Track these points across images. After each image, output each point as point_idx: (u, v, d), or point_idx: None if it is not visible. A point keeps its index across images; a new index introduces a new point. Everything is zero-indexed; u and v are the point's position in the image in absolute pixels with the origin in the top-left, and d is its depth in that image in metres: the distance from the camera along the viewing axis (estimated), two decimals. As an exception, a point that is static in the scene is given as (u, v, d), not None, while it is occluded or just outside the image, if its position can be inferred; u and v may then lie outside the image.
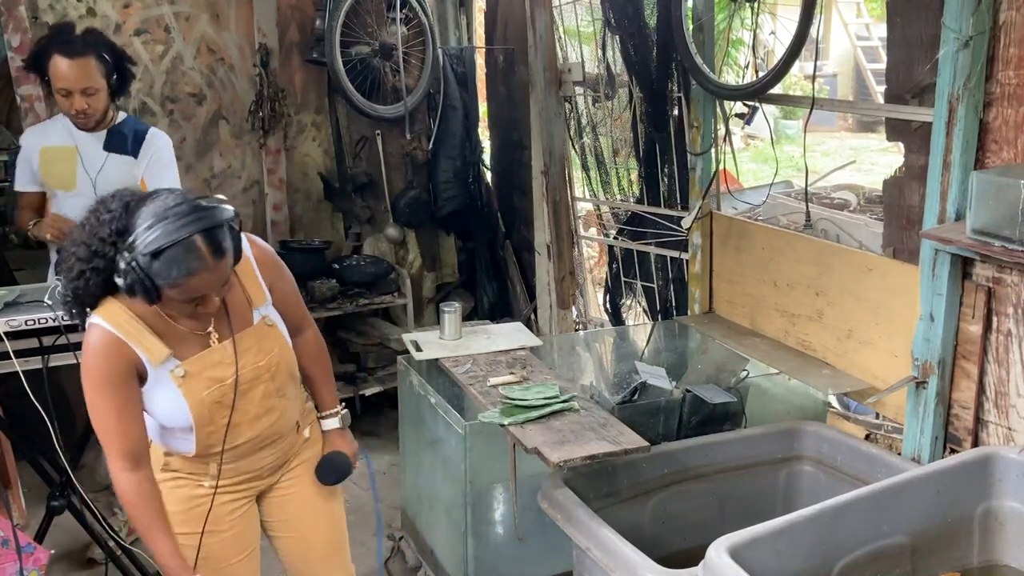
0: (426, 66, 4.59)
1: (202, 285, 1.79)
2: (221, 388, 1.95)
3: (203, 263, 1.75)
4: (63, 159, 3.15)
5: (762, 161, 9.47)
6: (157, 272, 1.73)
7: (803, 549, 1.91)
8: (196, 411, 1.93)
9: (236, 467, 2.08)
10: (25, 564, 2.42)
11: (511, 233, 5.00)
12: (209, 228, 1.75)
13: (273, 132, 4.39)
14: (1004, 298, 2.30)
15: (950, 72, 2.26)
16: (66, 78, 2.96)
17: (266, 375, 2.01)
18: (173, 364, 1.91)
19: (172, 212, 1.75)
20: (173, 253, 1.72)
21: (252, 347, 2.00)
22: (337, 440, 2.27)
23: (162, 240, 1.72)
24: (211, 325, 1.96)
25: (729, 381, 2.93)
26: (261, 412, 2.03)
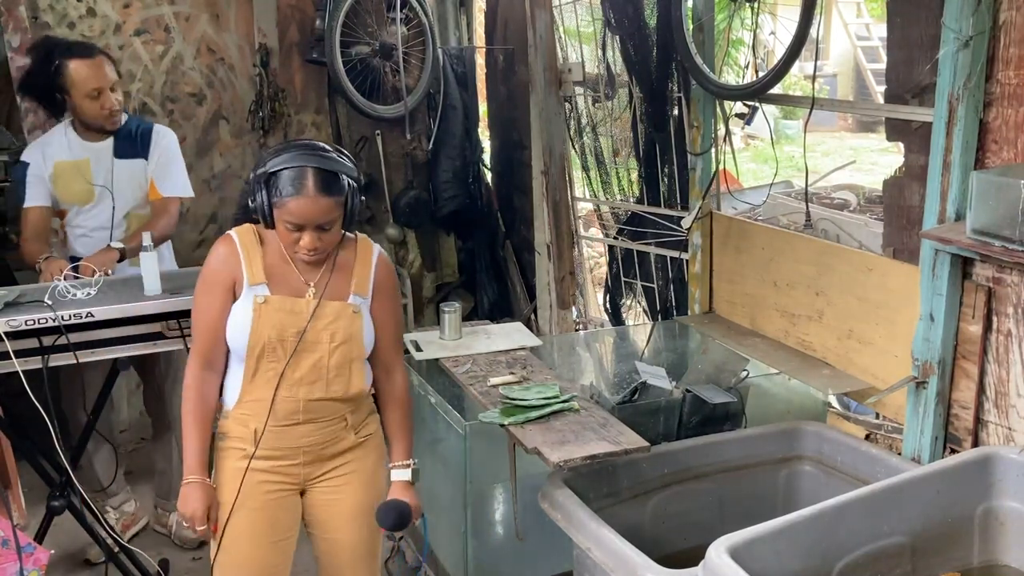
0: (426, 66, 4.59)
1: (301, 211, 2.01)
2: (282, 332, 2.10)
3: (305, 189, 2.00)
4: (77, 173, 3.13)
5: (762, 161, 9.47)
6: (272, 189, 2.02)
7: (803, 549, 1.91)
8: (253, 338, 2.10)
9: (275, 438, 2.16)
10: (25, 564, 2.42)
11: (511, 233, 5.00)
12: (321, 167, 2.02)
13: (273, 132, 4.39)
14: (1004, 298, 2.30)
15: (950, 72, 2.26)
16: (95, 78, 3.01)
17: (326, 345, 2.13)
18: (262, 290, 2.12)
19: (298, 146, 2.06)
20: (288, 174, 2.01)
21: (328, 316, 2.14)
22: (403, 492, 2.28)
23: (282, 163, 2.02)
24: (315, 280, 2.15)
25: (729, 381, 2.93)
26: (307, 379, 2.13)
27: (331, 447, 2.23)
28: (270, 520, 2.20)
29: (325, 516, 2.28)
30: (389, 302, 2.28)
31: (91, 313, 2.56)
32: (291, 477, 2.22)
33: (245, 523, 2.18)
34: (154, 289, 2.71)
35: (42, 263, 3.04)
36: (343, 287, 2.18)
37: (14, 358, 2.46)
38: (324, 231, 2.07)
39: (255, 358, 2.11)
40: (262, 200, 2.04)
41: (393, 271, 2.31)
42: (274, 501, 2.20)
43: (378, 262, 2.25)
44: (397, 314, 2.32)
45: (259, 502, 2.18)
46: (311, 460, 2.22)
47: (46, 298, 2.58)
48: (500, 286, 5.03)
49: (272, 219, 2.06)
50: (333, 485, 2.26)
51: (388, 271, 2.27)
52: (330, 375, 2.15)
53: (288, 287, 2.14)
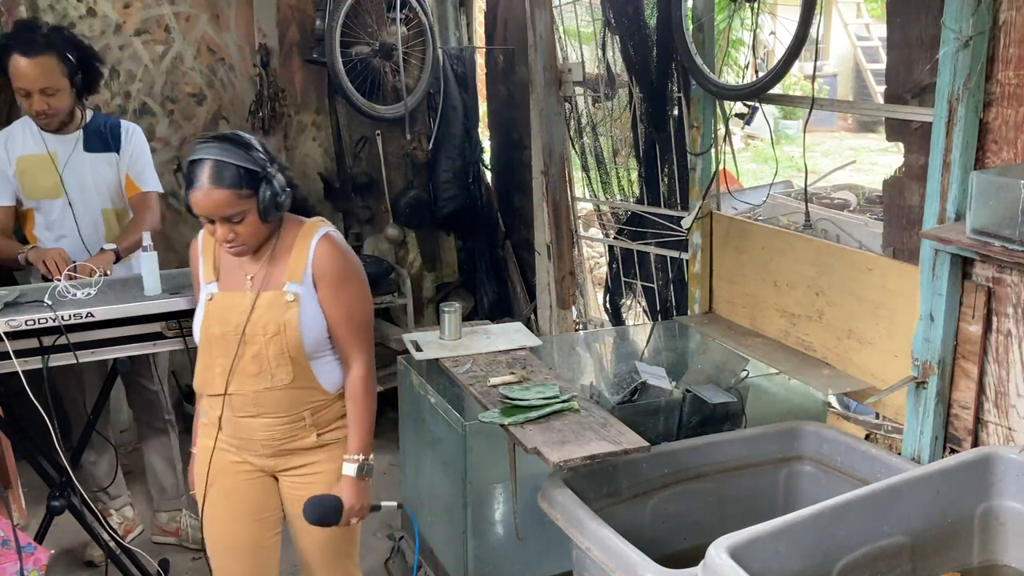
0: (426, 66, 4.59)
1: (197, 204, 2.04)
2: (224, 328, 2.15)
3: (199, 183, 2.02)
4: (41, 168, 3.04)
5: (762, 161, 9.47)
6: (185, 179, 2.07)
7: (803, 549, 1.91)
8: (203, 335, 2.18)
9: (233, 428, 2.22)
10: (25, 564, 2.42)
11: (511, 233, 5.00)
12: (217, 159, 2.02)
13: (273, 132, 4.39)
14: (1004, 298, 2.30)
15: (950, 72, 2.26)
16: (24, 77, 2.88)
17: (261, 337, 2.14)
18: (212, 288, 2.20)
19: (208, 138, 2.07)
20: (190, 167, 2.05)
21: (262, 307, 2.14)
22: (345, 487, 2.22)
23: (190, 156, 2.06)
24: (253, 274, 2.18)
25: (729, 381, 2.93)
26: (250, 371, 2.15)
27: (290, 443, 2.23)
28: (246, 499, 2.27)
29: (293, 510, 2.30)
30: (335, 289, 2.17)
31: (91, 313, 2.56)
32: (258, 464, 2.27)
33: (221, 501, 2.27)
34: (154, 289, 2.72)
35: (29, 254, 2.97)
36: (279, 276, 2.16)
37: (14, 358, 2.46)
38: (235, 223, 2.06)
39: (207, 353, 2.18)
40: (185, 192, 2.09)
41: (340, 255, 2.18)
42: (247, 482, 2.27)
43: (317, 246, 2.15)
44: (349, 302, 2.19)
45: (233, 482, 2.26)
46: (272, 454, 2.24)
47: (46, 298, 2.57)
48: (500, 286, 5.03)
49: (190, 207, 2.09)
50: (298, 481, 2.27)
51: (331, 255, 2.16)
52: (272, 366, 2.14)
53: (233, 282, 2.19)
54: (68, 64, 2.94)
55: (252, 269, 2.18)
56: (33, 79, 2.89)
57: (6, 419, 2.90)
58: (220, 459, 2.24)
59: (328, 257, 2.16)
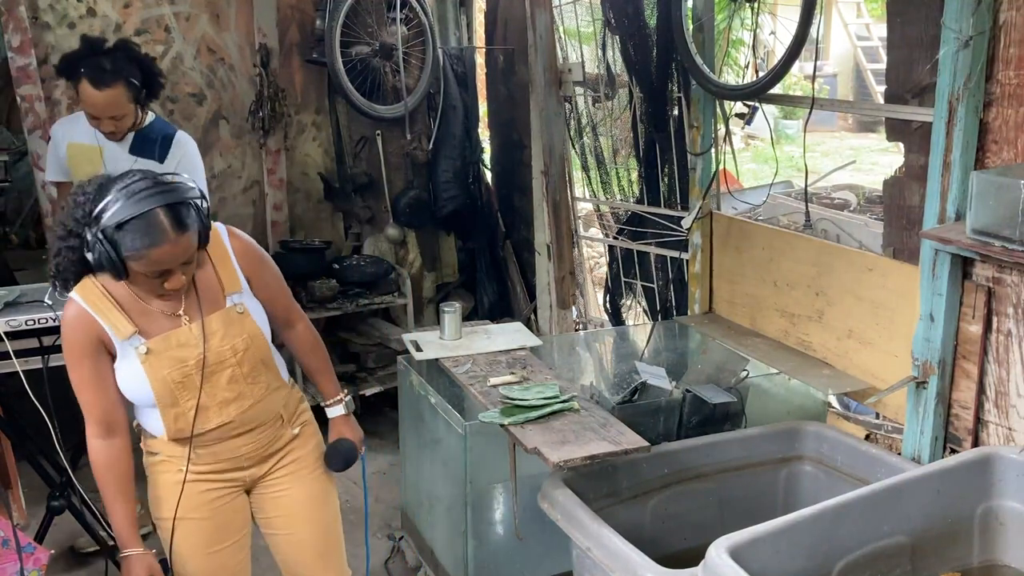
0: (426, 66, 4.59)
1: (164, 258, 1.84)
2: (184, 369, 1.98)
3: (164, 235, 1.82)
4: (88, 158, 3.14)
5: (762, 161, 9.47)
6: (122, 244, 1.80)
7: (803, 549, 1.91)
8: (158, 389, 1.98)
9: (213, 452, 2.09)
10: (25, 564, 2.42)
11: (511, 233, 5.00)
12: (171, 203, 1.83)
13: (273, 132, 4.39)
14: (1004, 298, 2.30)
15: (950, 72, 2.26)
16: (94, 106, 2.97)
17: (232, 359, 2.03)
18: (138, 341, 1.96)
19: (136, 187, 1.82)
20: (136, 224, 1.80)
21: (219, 331, 2.02)
22: (342, 427, 2.31)
23: (125, 213, 1.79)
24: (182, 307, 2.00)
25: (729, 381, 2.93)
26: (230, 397, 2.04)
27: (272, 445, 2.18)
28: (221, 525, 2.15)
29: (277, 513, 2.23)
30: (263, 272, 2.13)
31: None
32: (236, 482, 2.16)
33: (197, 535, 2.12)
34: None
35: None
36: (214, 295, 2.04)
37: (14, 358, 2.46)
38: (187, 265, 1.91)
39: (169, 404, 2.00)
40: (108, 255, 1.81)
41: (248, 242, 2.13)
42: (222, 506, 2.14)
43: (233, 247, 2.08)
44: (275, 275, 2.18)
45: (207, 511, 2.12)
46: (253, 463, 2.16)
47: (46, 298, 2.58)
48: (500, 286, 5.03)
49: (126, 272, 1.85)
50: (279, 478, 2.21)
51: (243, 246, 2.10)
52: (248, 382, 2.06)
53: (160, 325, 1.98)
54: (135, 89, 3.01)
55: (174, 305, 1.99)
56: (103, 108, 2.98)
57: (6, 419, 2.90)
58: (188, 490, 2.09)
59: (247, 250, 2.11)
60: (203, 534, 2.13)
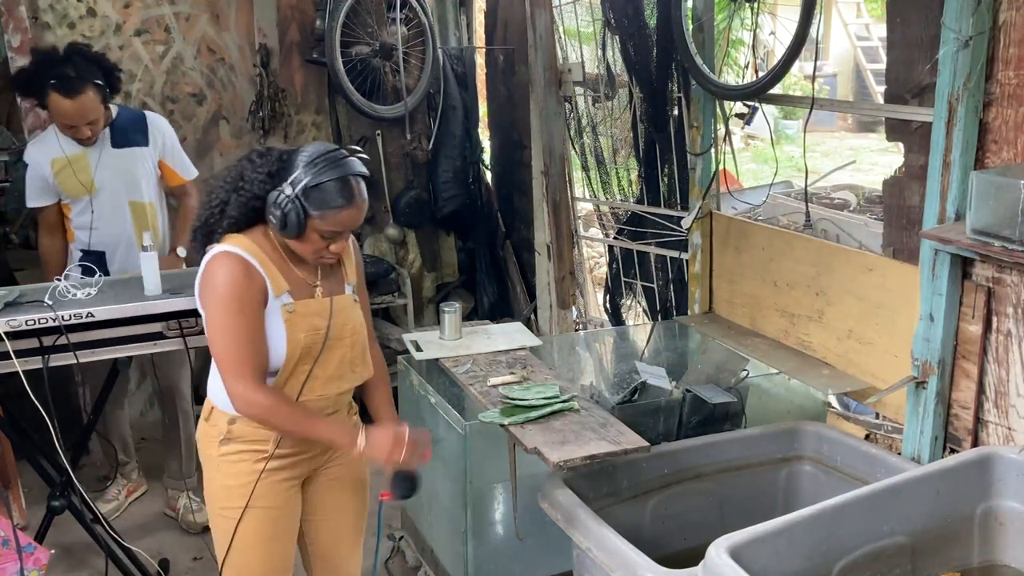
0: (426, 66, 4.59)
1: (349, 220, 2.03)
2: (315, 335, 2.09)
3: (353, 199, 2.01)
4: (77, 168, 3.17)
5: (762, 161, 9.47)
6: (314, 202, 1.97)
7: (803, 549, 1.91)
8: (291, 348, 2.07)
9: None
10: (25, 564, 2.42)
11: (511, 233, 5.00)
12: (359, 173, 2.04)
13: (273, 132, 4.39)
14: (1004, 298, 2.30)
15: (950, 72, 2.26)
16: (70, 116, 3.01)
17: (348, 340, 2.16)
18: (287, 299, 2.08)
19: (331, 155, 2.00)
20: (334, 186, 1.98)
21: (341, 311, 2.15)
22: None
23: (323, 176, 1.97)
24: (318, 278, 2.14)
25: (729, 381, 2.93)
26: (336, 375, 2.16)
27: None
28: (288, 515, 2.22)
29: (325, 500, 2.29)
30: (360, 278, 2.31)
31: (91, 313, 2.56)
32: (303, 469, 2.23)
33: (265, 524, 2.16)
34: (154, 289, 2.72)
35: None
36: (339, 279, 2.20)
37: (14, 358, 2.46)
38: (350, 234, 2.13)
39: (292, 366, 2.09)
40: (297, 213, 1.97)
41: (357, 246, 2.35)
42: (290, 496, 2.21)
43: (355, 247, 2.29)
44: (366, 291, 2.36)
45: (278, 500, 2.17)
46: (323, 450, 2.23)
47: (46, 298, 2.58)
48: (500, 286, 5.03)
49: (305, 230, 2.01)
50: (334, 468, 2.28)
51: (359, 252, 2.33)
52: (353, 366, 2.19)
53: (300, 290, 2.11)
54: (102, 91, 3.08)
55: (311, 276, 2.13)
56: (78, 116, 3.03)
57: (6, 419, 2.90)
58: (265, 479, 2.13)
59: (359, 257, 2.31)
60: (270, 523, 2.18)
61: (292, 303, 2.08)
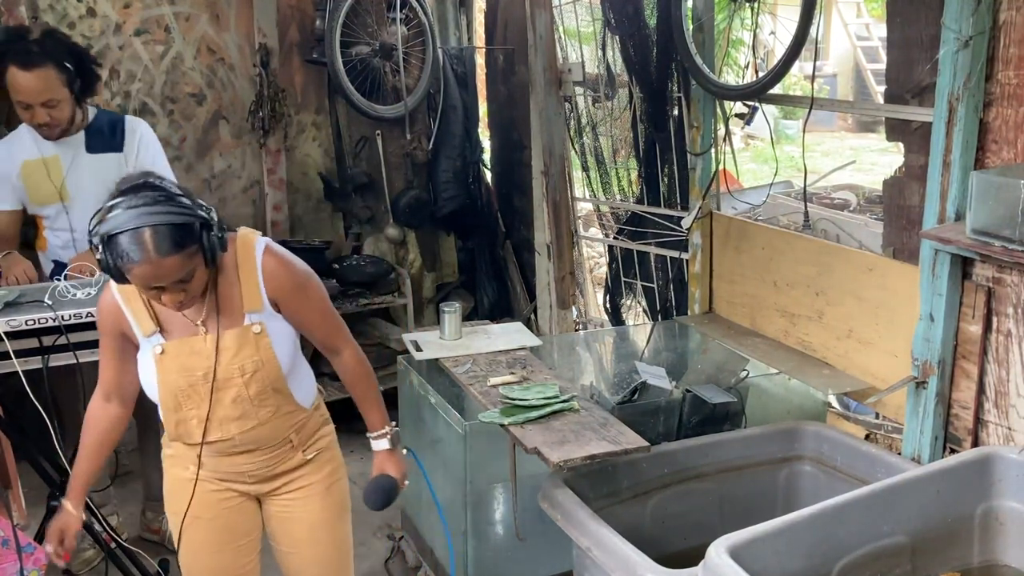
0: (426, 66, 4.59)
1: (146, 276, 1.80)
2: (190, 378, 1.98)
3: (144, 256, 1.76)
4: (47, 172, 2.98)
5: (762, 161, 9.47)
6: (112, 251, 1.78)
7: (803, 549, 1.91)
8: (163, 391, 2.00)
9: (214, 464, 2.10)
10: (25, 564, 2.42)
11: (511, 233, 4.99)
12: (162, 224, 1.77)
13: (273, 132, 4.39)
14: (1004, 298, 2.30)
15: (950, 72, 2.26)
16: (25, 91, 2.79)
17: (239, 379, 1.99)
18: (157, 340, 1.99)
19: (136, 203, 1.78)
20: (123, 238, 1.76)
21: (231, 348, 1.98)
22: (385, 462, 2.23)
23: (118, 223, 1.77)
24: (202, 316, 1.99)
25: (729, 381, 2.93)
26: (232, 415, 2.01)
27: (278, 467, 2.15)
28: (228, 527, 2.16)
29: (283, 530, 2.22)
30: (298, 298, 2.05)
31: (91, 313, 2.56)
32: (239, 490, 2.16)
33: (204, 533, 2.14)
34: (154, 289, 2.71)
35: (1, 260, 2.92)
36: (234, 311, 1.99)
37: (14, 358, 2.46)
38: (184, 283, 1.85)
39: (172, 408, 2.01)
40: (108, 261, 1.79)
41: (287, 264, 2.04)
42: (228, 509, 2.15)
43: (263, 265, 2.00)
44: (317, 301, 2.10)
45: (214, 511, 2.13)
46: (257, 481, 2.15)
47: (46, 298, 2.57)
48: (500, 286, 5.03)
49: (124, 279, 1.83)
50: (287, 500, 2.19)
51: (280, 269, 2.02)
52: (254, 404, 2.01)
53: (182, 329, 1.98)
54: (67, 72, 2.85)
55: (195, 312, 1.97)
56: (35, 93, 2.81)
57: (6, 419, 2.89)
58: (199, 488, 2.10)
59: (279, 272, 2.02)
60: (209, 533, 2.14)
61: (162, 344, 1.97)
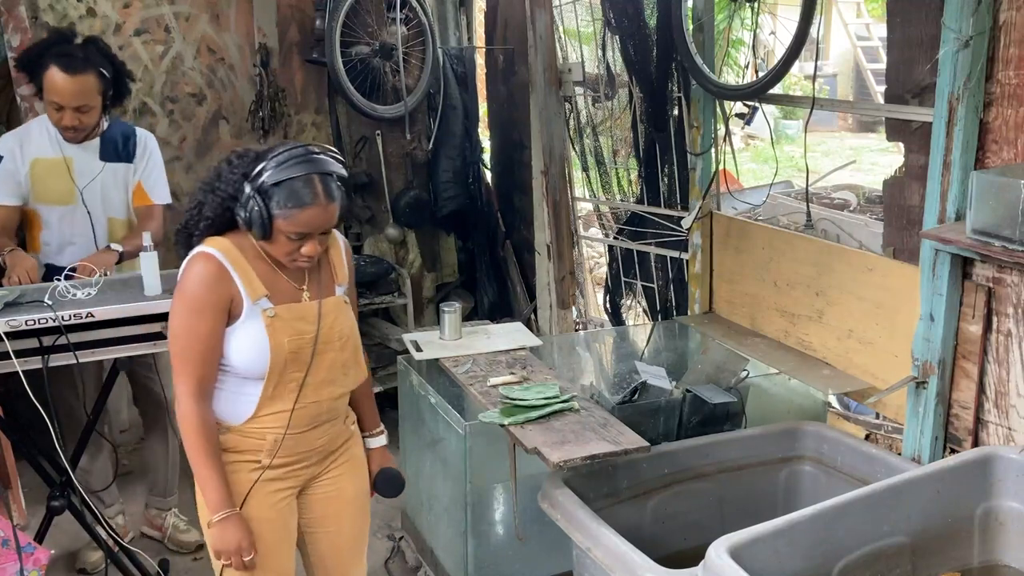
0: (426, 66, 4.59)
1: (311, 221, 1.95)
2: (300, 340, 2.05)
3: (316, 199, 1.94)
4: (56, 173, 2.99)
5: (762, 161, 9.47)
6: (276, 201, 1.93)
7: (803, 549, 1.91)
8: (274, 354, 2.02)
9: (293, 443, 2.10)
10: (25, 564, 2.42)
11: (511, 233, 4.99)
12: (324, 172, 1.96)
13: (273, 132, 4.39)
14: (1004, 298, 2.30)
15: (950, 72, 2.26)
16: (61, 93, 2.83)
17: (338, 344, 2.12)
18: (267, 304, 2.04)
19: (296, 153, 1.96)
20: (293, 185, 1.92)
21: (331, 313, 2.11)
22: (384, 457, 2.37)
23: (285, 173, 1.93)
24: (305, 282, 2.10)
25: (729, 381, 2.93)
26: (328, 379, 2.12)
27: (336, 441, 2.22)
28: (285, 526, 2.18)
29: (326, 511, 2.25)
30: (353, 279, 2.27)
31: (91, 313, 2.56)
32: (299, 480, 2.18)
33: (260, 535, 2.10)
34: (154, 289, 2.71)
35: (7, 255, 2.92)
36: (329, 281, 2.16)
37: (14, 358, 2.46)
38: (324, 236, 2.04)
39: (278, 373, 2.04)
40: (260, 212, 1.93)
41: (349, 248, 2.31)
42: (285, 507, 2.17)
43: (346, 248, 2.24)
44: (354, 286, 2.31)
45: (274, 511, 2.13)
46: (319, 459, 2.19)
47: (46, 298, 2.57)
48: (500, 286, 5.03)
49: (270, 230, 1.96)
50: (332, 478, 2.23)
51: (349, 251, 2.27)
52: (345, 370, 2.15)
53: (285, 294, 2.07)
54: (104, 81, 2.90)
55: (298, 278, 2.09)
56: (71, 96, 2.84)
57: (6, 419, 2.90)
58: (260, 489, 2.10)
59: (349, 253, 2.25)
60: (264, 535, 2.11)
61: (273, 308, 2.03)
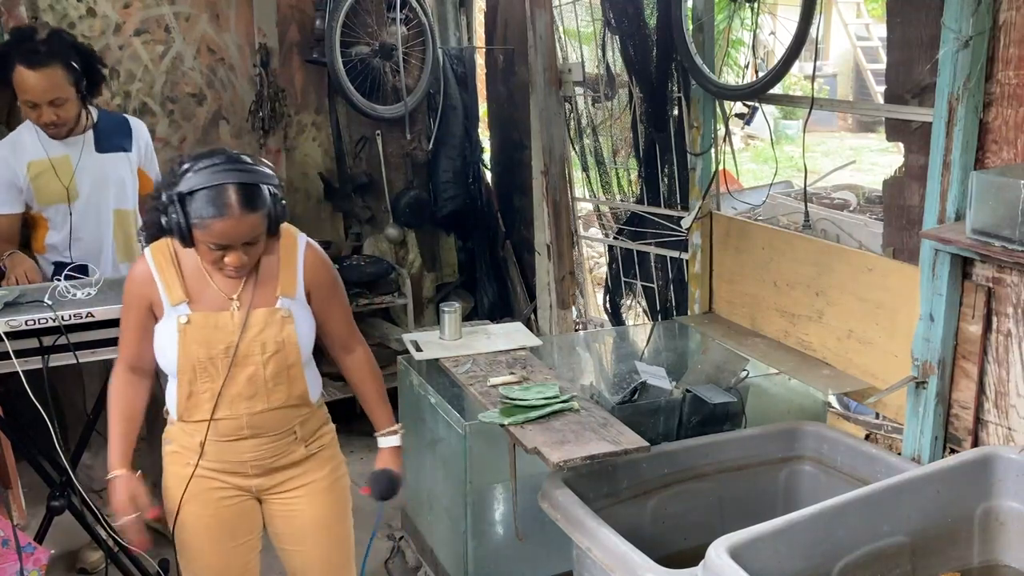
0: (426, 66, 4.59)
1: (225, 232, 1.90)
2: (211, 351, 2.02)
3: (229, 210, 1.88)
4: (52, 172, 2.97)
5: (762, 161, 9.47)
6: (190, 210, 1.89)
7: (803, 549, 1.91)
8: (182, 361, 2.03)
9: (218, 452, 2.10)
10: (25, 564, 2.42)
11: (511, 233, 4.99)
12: (244, 182, 1.90)
13: (273, 132, 4.39)
14: (1004, 298, 2.30)
15: (950, 72, 2.26)
16: (32, 90, 2.81)
17: (258, 357, 2.05)
18: (184, 310, 2.03)
19: (216, 161, 1.91)
20: (206, 194, 1.88)
21: (257, 325, 2.05)
22: (390, 459, 2.30)
23: (199, 181, 1.88)
24: (237, 292, 2.06)
25: (729, 381, 2.93)
26: (246, 394, 2.06)
27: (280, 460, 2.15)
28: (227, 526, 2.16)
29: (286, 529, 2.23)
30: (329, 292, 2.18)
31: (91, 313, 2.56)
32: (242, 486, 2.16)
33: (203, 530, 2.14)
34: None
35: (6, 259, 2.93)
36: (268, 292, 2.07)
37: (14, 358, 2.46)
38: (250, 246, 1.96)
39: (187, 380, 2.04)
40: (178, 220, 1.90)
41: (325, 261, 2.18)
42: (228, 507, 2.15)
43: (305, 257, 2.13)
44: (341, 299, 2.24)
45: (212, 508, 2.14)
46: (259, 473, 2.15)
47: (46, 298, 2.57)
48: (500, 286, 5.03)
49: (191, 239, 1.93)
50: (288, 498, 2.19)
51: (319, 264, 2.15)
52: (268, 386, 2.06)
53: (210, 303, 2.04)
54: (74, 72, 2.87)
55: (233, 288, 2.05)
56: (41, 91, 2.82)
57: (6, 419, 2.90)
58: (197, 485, 2.11)
59: (318, 267, 2.15)
60: (208, 531, 2.14)
61: (188, 315, 2.02)
